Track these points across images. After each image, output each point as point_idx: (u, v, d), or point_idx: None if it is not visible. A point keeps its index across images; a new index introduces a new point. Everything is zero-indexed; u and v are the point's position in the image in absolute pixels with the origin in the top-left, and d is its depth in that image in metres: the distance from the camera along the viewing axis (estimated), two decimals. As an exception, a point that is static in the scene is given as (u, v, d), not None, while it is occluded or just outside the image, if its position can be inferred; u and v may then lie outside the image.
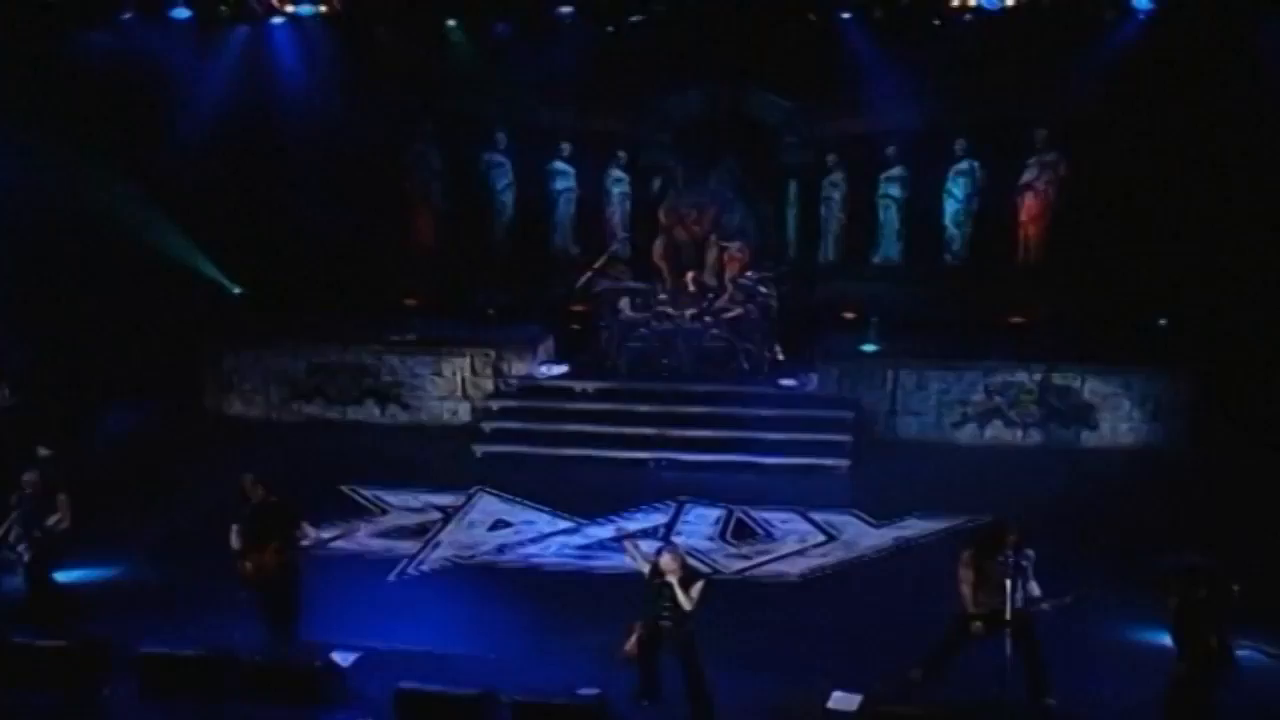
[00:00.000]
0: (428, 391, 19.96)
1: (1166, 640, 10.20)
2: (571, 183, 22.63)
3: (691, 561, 11.59)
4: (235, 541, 12.06)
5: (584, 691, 10.61)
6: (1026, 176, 20.91)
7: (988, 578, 10.72)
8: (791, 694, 11.15)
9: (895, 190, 21.65)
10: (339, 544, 14.88)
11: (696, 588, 10.65)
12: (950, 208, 21.40)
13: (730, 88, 21.55)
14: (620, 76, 20.95)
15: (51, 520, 12.38)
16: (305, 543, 12.39)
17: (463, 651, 12.15)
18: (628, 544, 11.62)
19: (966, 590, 10.97)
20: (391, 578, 14.17)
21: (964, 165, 21.16)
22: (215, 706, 10.90)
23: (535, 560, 14.70)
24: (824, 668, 11.59)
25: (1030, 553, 10.73)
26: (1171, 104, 18.79)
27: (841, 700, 10.91)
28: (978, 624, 10.81)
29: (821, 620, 12.93)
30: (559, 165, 22.54)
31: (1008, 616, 10.29)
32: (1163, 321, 19.74)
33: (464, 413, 19.76)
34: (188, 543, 14.50)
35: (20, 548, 12.26)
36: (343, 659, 11.61)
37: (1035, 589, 10.69)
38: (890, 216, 21.78)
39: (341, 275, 21.32)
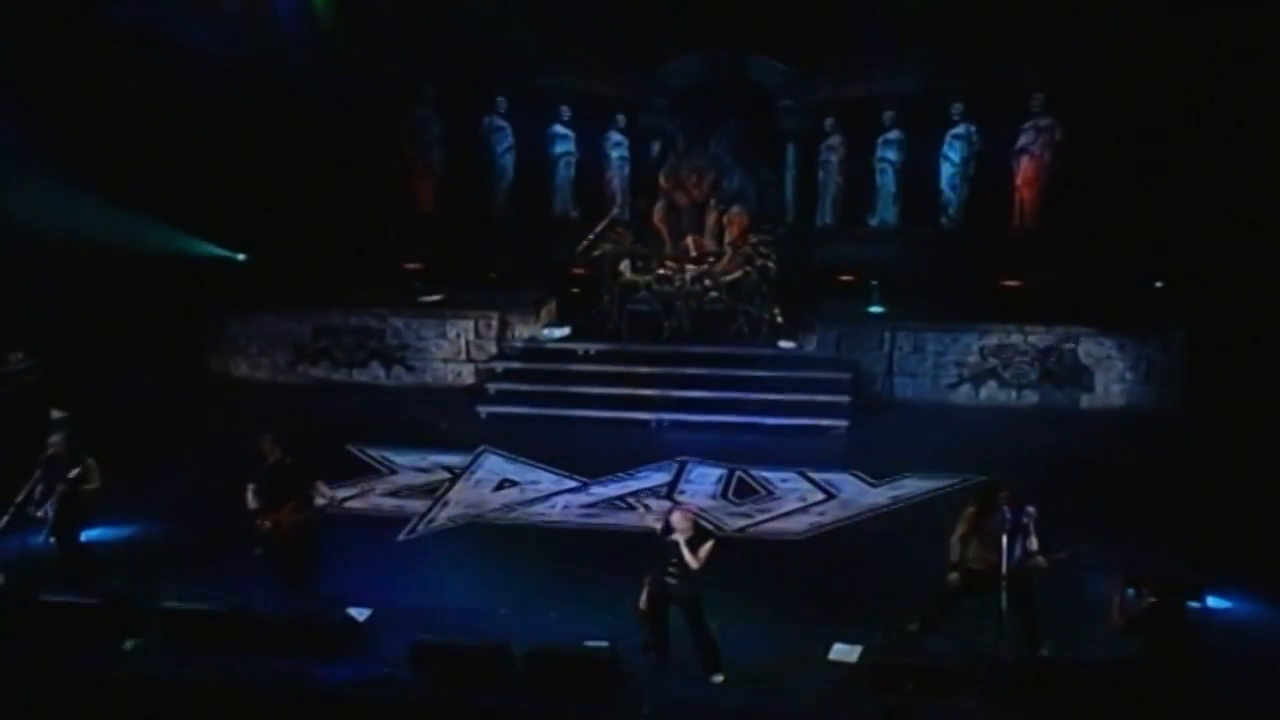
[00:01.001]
0: (432, 354, 20.26)
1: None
2: (571, 147, 22.93)
3: (703, 522, 11.85)
4: (252, 501, 12.30)
5: (593, 643, 10.98)
6: (1022, 141, 21.15)
7: (987, 534, 11.06)
8: (793, 646, 11.44)
9: (892, 154, 21.91)
10: (352, 503, 15.12)
11: (705, 548, 10.89)
12: (946, 172, 21.66)
13: (729, 52, 21.74)
14: (620, 41, 21.12)
15: (85, 485, 12.63)
16: (320, 502, 12.66)
17: (474, 606, 12.49)
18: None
19: (956, 542, 11.32)
20: (402, 536, 14.42)
21: (960, 130, 21.42)
22: (237, 659, 11.21)
23: (542, 518, 14.97)
24: (824, 621, 11.88)
25: (1031, 509, 11.05)
26: (1166, 69, 18.91)
27: (842, 652, 11.24)
28: (954, 575, 11.19)
29: (821, 576, 13.22)
30: (559, 129, 22.84)
31: (1004, 571, 10.65)
32: (1159, 284, 19.98)
33: (468, 374, 20.06)
34: (202, 503, 14.79)
35: (46, 508, 12.47)
36: (359, 614, 11.91)
37: (1034, 544, 11.03)
38: (887, 180, 22.05)
39: (343, 240, 21.52)
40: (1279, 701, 10.43)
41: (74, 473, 12.60)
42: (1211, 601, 10.74)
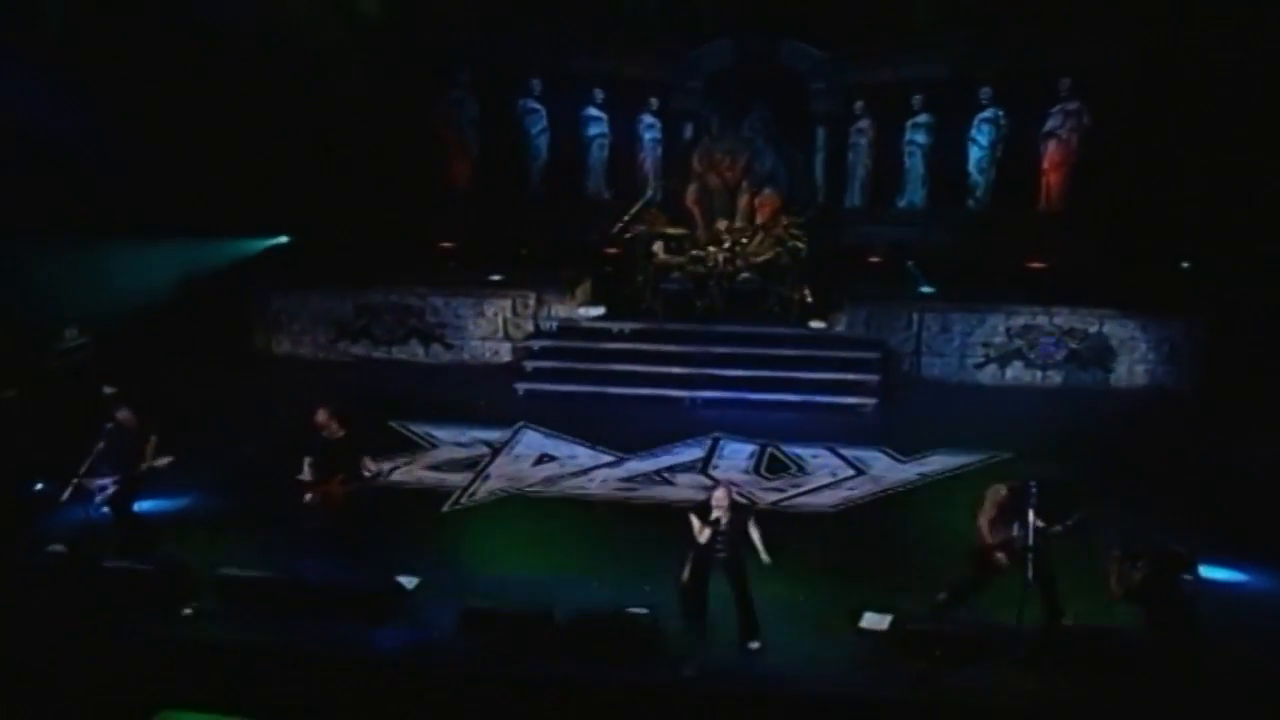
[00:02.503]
0: (470, 331, 20.66)
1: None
2: (604, 129, 23.34)
3: (738, 498, 12.32)
4: (308, 473, 12.77)
5: (633, 610, 11.45)
6: (1050, 125, 21.47)
7: (1010, 510, 11.45)
8: (827, 615, 11.89)
9: (921, 137, 22.28)
10: (397, 476, 15.59)
11: (755, 533, 11.47)
12: (974, 155, 22.00)
13: (761, 36, 22.07)
14: (653, 24, 21.45)
15: (151, 462, 13.11)
16: (366, 475, 13.12)
17: (516, 575, 12.94)
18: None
19: (984, 523, 11.67)
20: (446, 508, 14.88)
21: (988, 113, 21.75)
22: (291, 625, 11.72)
23: (581, 492, 15.40)
24: (856, 591, 12.29)
25: (1032, 484, 11.39)
26: (1192, 53, 19.19)
27: (873, 620, 11.69)
28: (1000, 555, 11.51)
29: (852, 548, 13.66)
30: (592, 112, 23.24)
31: (1029, 544, 11.06)
32: (1185, 264, 20.22)
33: (505, 352, 20.49)
34: (249, 475, 15.33)
35: (105, 481, 12.89)
36: (408, 582, 12.41)
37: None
38: (916, 163, 22.41)
39: (381, 220, 21.89)
40: (1273, 666, 10.83)
41: (165, 460, 13.11)
42: (1205, 573, 11.04)
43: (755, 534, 11.48)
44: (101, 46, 18.53)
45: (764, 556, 11.41)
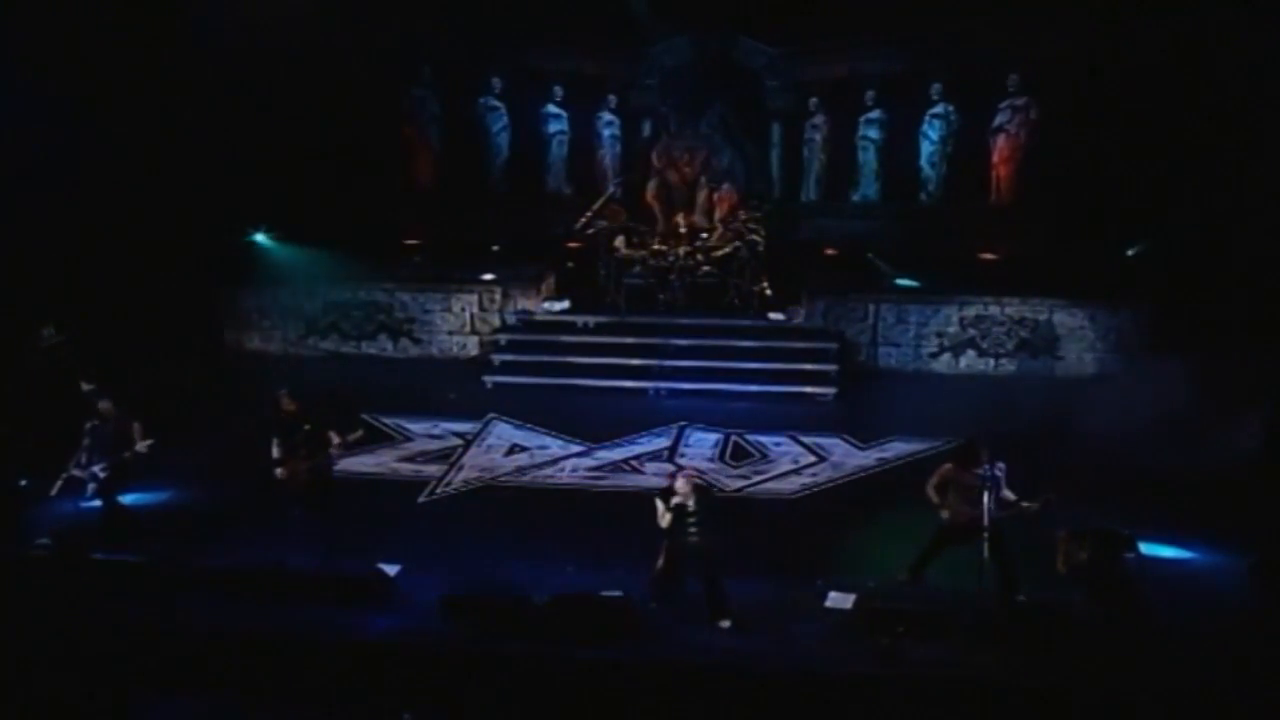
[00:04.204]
0: (438, 326, 21.06)
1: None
2: (564, 125, 23.66)
3: (699, 481, 12.69)
4: (275, 451, 13.30)
5: (608, 593, 11.95)
6: (999, 120, 21.95)
7: (967, 489, 12.04)
8: (794, 595, 12.42)
9: (874, 133, 22.71)
10: (372, 468, 16.03)
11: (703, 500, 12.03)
12: (926, 149, 22.47)
13: (716, 34, 22.47)
14: (610, 23, 21.79)
15: (141, 444, 13.51)
16: (332, 450, 13.53)
17: (493, 562, 13.36)
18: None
19: (931, 491, 12.34)
20: (422, 498, 15.31)
21: (939, 109, 22.20)
22: (276, 611, 12.12)
23: (552, 481, 15.88)
24: (820, 572, 12.82)
25: (1001, 465, 12.06)
26: (1137, 48, 19.68)
27: (838, 599, 12.22)
28: (945, 513, 12.19)
29: (816, 531, 14.18)
30: (552, 109, 23.55)
31: (985, 524, 11.65)
32: (1130, 252, 20.69)
33: (472, 346, 20.88)
34: (226, 467, 15.62)
35: (96, 469, 13.29)
36: (389, 569, 12.80)
37: (1010, 495, 12.05)
38: (869, 158, 22.86)
39: (347, 217, 22.07)
40: (1213, 636, 11.44)
41: (141, 445, 13.47)
42: (1145, 550, 11.65)
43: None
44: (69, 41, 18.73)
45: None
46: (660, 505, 11.93)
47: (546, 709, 11.35)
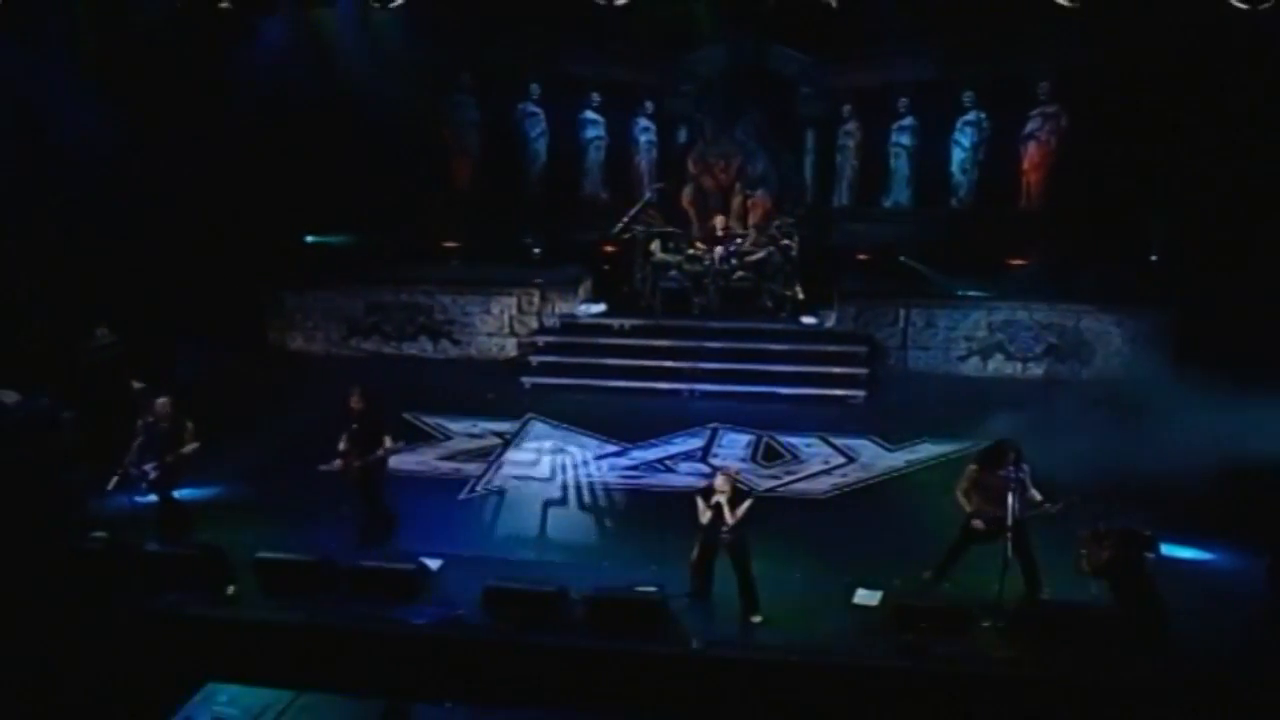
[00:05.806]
0: (477, 328, 21.48)
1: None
2: (601, 131, 23.94)
3: (740, 484, 13.21)
4: (342, 444, 13.80)
5: (643, 589, 12.40)
6: (1030, 127, 22.12)
7: (991, 490, 12.39)
8: (822, 592, 12.81)
9: (906, 139, 22.95)
10: (414, 466, 16.42)
11: (744, 506, 12.39)
12: (957, 156, 22.67)
13: (751, 42, 22.75)
14: (647, 30, 22.10)
15: (188, 447, 13.90)
16: (380, 452, 13.95)
17: (532, 558, 13.90)
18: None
19: (960, 496, 12.68)
20: (463, 495, 15.74)
21: (971, 116, 22.40)
22: (324, 601, 12.59)
23: (590, 479, 16.26)
24: (848, 570, 13.19)
25: (1026, 467, 12.40)
26: (1166, 56, 19.77)
27: (865, 596, 12.63)
28: (977, 521, 12.50)
29: (845, 531, 14.56)
30: (589, 115, 23.83)
31: (1009, 524, 12.01)
32: (1154, 257, 21.01)
33: (510, 348, 21.29)
34: (274, 464, 16.19)
35: (148, 467, 13.74)
36: (432, 564, 13.27)
37: (1036, 495, 12.40)
38: (901, 164, 23.10)
39: (386, 220, 22.59)
40: (1231, 635, 11.81)
41: (190, 446, 13.92)
42: (1166, 551, 11.96)
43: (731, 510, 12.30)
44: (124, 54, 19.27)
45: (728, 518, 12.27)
46: (701, 503, 12.35)
47: (582, 699, 11.76)
